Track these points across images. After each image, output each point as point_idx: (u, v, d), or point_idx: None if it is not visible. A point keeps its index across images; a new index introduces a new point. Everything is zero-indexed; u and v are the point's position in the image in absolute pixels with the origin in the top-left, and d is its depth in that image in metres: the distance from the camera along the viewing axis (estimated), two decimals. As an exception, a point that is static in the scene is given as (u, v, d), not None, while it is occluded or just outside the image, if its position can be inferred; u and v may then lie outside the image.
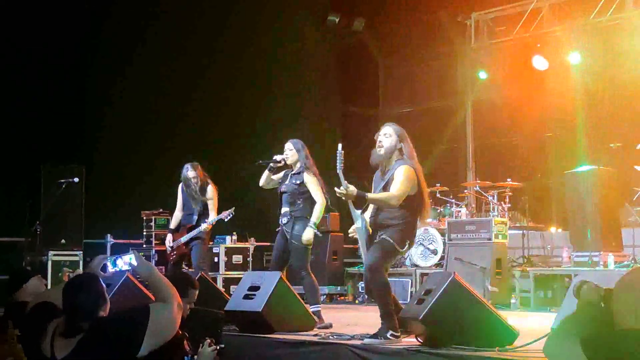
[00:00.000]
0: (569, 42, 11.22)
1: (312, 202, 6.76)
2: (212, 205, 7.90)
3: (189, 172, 8.01)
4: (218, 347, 3.85)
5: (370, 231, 5.57)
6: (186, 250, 7.96)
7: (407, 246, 5.65)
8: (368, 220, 5.62)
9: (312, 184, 6.73)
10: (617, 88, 11.37)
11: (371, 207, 5.64)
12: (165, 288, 3.34)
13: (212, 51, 11.89)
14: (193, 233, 7.86)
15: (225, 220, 7.89)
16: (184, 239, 7.93)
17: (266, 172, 6.93)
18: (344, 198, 5.44)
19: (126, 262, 3.68)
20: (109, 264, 3.73)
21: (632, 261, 8.78)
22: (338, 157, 5.45)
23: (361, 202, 5.48)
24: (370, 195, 5.48)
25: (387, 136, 5.69)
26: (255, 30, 12.27)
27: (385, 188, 5.55)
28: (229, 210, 7.81)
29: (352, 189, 5.39)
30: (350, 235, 5.77)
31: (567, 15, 11.28)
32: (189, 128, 11.56)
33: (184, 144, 10.96)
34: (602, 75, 11.28)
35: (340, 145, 5.44)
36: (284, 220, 6.79)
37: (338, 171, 5.44)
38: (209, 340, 4.13)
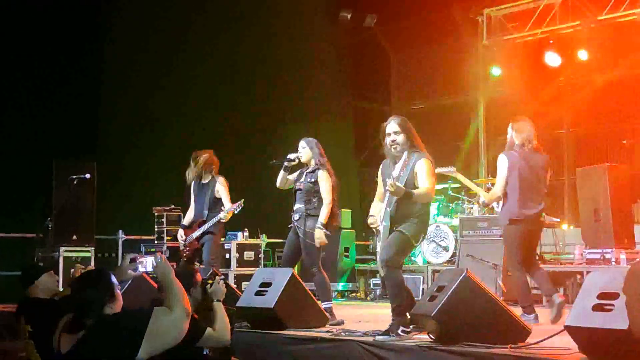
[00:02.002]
0: (580, 39, 11.16)
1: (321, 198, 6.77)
2: (225, 196, 7.84)
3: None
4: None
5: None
6: (198, 246, 7.95)
7: (420, 240, 5.66)
8: (383, 213, 5.61)
9: (324, 181, 6.73)
10: (629, 85, 11.31)
11: (386, 200, 5.61)
12: (175, 294, 3.29)
13: (225, 48, 11.90)
14: (205, 227, 7.85)
15: (236, 212, 7.86)
16: (195, 234, 7.92)
17: (282, 173, 6.88)
18: (392, 194, 5.42)
19: (149, 263, 3.67)
20: (141, 262, 3.72)
21: (645, 258, 8.73)
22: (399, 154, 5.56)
23: (407, 197, 5.46)
24: (416, 191, 5.48)
25: (397, 134, 5.69)
26: (268, 26, 12.27)
27: (408, 181, 5.52)
28: (239, 202, 7.78)
29: (402, 187, 5.40)
30: (372, 225, 5.74)
31: (579, 11, 11.21)
32: (202, 125, 11.57)
33: (197, 140, 10.97)
34: (613, 72, 11.22)
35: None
36: (297, 217, 6.78)
37: (395, 173, 5.49)
38: (218, 278, 4.37)
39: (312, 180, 6.75)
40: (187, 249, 8.00)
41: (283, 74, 12.53)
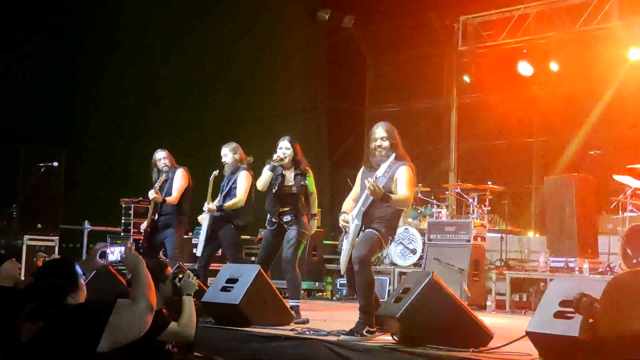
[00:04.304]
0: (553, 49, 11.30)
1: (308, 198, 6.92)
2: (175, 185, 7.92)
3: (158, 153, 8.06)
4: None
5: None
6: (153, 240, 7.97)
7: (389, 242, 5.70)
8: (357, 211, 5.63)
9: (312, 180, 6.94)
10: (599, 96, 11.47)
11: (362, 200, 5.62)
12: (141, 286, 3.24)
13: (200, 43, 11.83)
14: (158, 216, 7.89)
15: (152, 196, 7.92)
16: (145, 223, 8.05)
17: (268, 174, 6.83)
18: (371, 194, 5.43)
19: (117, 253, 3.64)
20: (109, 251, 3.69)
21: (607, 268, 8.87)
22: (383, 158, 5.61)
23: (385, 200, 5.47)
24: (394, 196, 5.50)
25: (383, 139, 5.73)
26: (245, 23, 12.23)
27: (386, 185, 5.54)
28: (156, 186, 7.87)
29: (381, 188, 5.42)
30: (342, 223, 5.76)
31: (553, 23, 11.35)
32: (174, 118, 11.50)
33: (167, 133, 10.91)
34: (585, 83, 11.38)
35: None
36: (287, 218, 6.81)
37: (378, 174, 5.52)
38: (188, 272, 4.42)
39: (305, 183, 6.86)
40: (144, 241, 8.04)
41: (258, 71, 12.50)
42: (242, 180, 7.39)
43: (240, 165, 7.51)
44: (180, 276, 4.43)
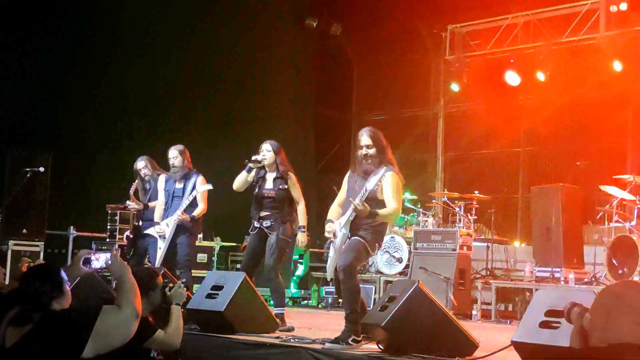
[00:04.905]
0: (540, 60, 11.37)
1: (292, 204, 6.83)
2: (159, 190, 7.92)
3: (138, 163, 8.02)
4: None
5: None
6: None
7: (376, 249, 5.69)
8: (344, 220, 5.61)
9: (295, 186, 6.84)
10: (585, 107, 11.55)
11: (350, 210, 5.59)
12: (127, 293, 3.24)
13: (187, 48, 11.83)
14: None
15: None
16: (128, 231, 8.03)
17: (244, 174, 6.84)
18: (357, 213, 5.42)
19: (102, 259, 3.63)
20: (93, 258, 3.68)
21: (593, 279, 8.90)
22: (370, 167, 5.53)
23: (371, 217, 5.46)
24: (380, 211, 5.46)
25: (369, 147, 5.68)
26: (233, 31, 12.23)
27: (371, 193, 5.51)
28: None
29: (367, 206, 5.40)
30: (329, 232, 5.73)
31: (540, 33, 11.43)
32: (162, 124, 11.47)
33: (154, 139, 10.88)
34: (571, 94, 11.45)
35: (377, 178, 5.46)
36: (268, 223, 6.78)
37: (364, 190, 5.45)
38: (179, 282, 4.46)
39: (284, 187, 6.78)
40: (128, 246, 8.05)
41: (246, 77, 12.50)
42: (205, 188, 7.39)
43: (191, 171, 7.48)
44: (171, 285, 4.44)
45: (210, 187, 7.40)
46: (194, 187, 7.35)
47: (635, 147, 11.03)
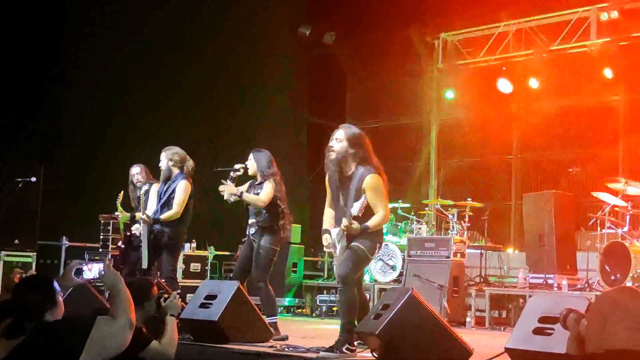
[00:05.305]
0: (532, 67, 11.42)
1: (275, 208, 6.72)
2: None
3: (132, 169, 7.98)
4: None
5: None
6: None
7: (377, 251, 5.68)
8: (339, 234, 5.58)
9: (266, 189, 6.70)
10: (578, 114, 11.60)
11: (342, 223, 5.57)
12: (121, 303, 3.24)
13: (178, 57, 11.83)
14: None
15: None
16: (120, 242, 7.97)
17: (246, 195, 6.78)
18: (346, 231, 5.42)
19: (95, 270, 3.63)
20: (85, 268, 3.68)
21: (586, 285, 8.92)
22: (360, 201, 5.40)
23: (364, 232, 5.44)
24: (370, 224, 5.43)
25: (338, 141, 5.67)
26: (226, 39, 12.24)
27: (357, 198, 5.49)
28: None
29: (357, 225, 5.38)
30: (327, 249, 5.74)
31: (532, 41, 11.48)
32: (154, 133, 11.45)
33: (147, 148, 10.86)
34: (563, 101, 11.50)
35: (363, 197, 5.40)
36: (252, 230, 6.77)
37: (354, 212, 5.39)
38: (174, 293, 4.47)
39: (258, 192, 6.75)
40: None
41: (239, 86, 12.50)
42: (181, 191, 7.18)
43: (179, 173, 7.27)
44: (166, 296, 4.45)
45: (183, 195, 7.10)
46: (173, 190, 7.17)
47: (626, 153, 11.08)
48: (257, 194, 6.73)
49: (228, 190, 6.58)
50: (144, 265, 7.20)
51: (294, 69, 13.91)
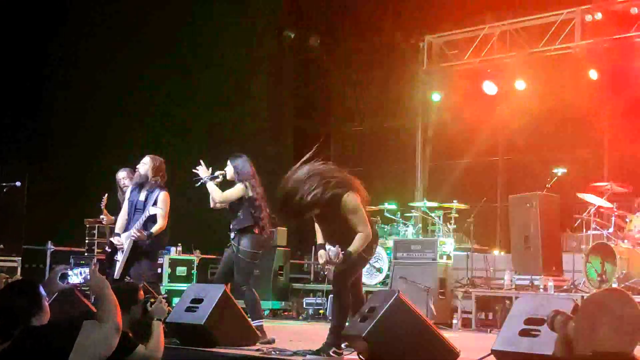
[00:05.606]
0: (517, 69, 11.46)
1: (250, 211, 6.74)
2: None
3: (119, 173, 7.92)
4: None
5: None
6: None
7: (374, 250, 5.72)
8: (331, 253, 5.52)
9: (232, 188, 6.75)
10: (563, 116, 11.65)
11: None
12: (107, 308, 3.24)
13: (164, 62, 11.78)
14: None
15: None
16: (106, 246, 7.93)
17: (210, 184, 6.85)
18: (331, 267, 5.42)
19: (80, 275, 3.63)
20: (71, 273, 3.67)
21: (571, 286, 8.96)
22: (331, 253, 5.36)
23: (349, 257, 5.40)
24: (352, 249, 5.38)
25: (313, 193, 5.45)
26: (211, 42, 12.22)
27: (339, 222, 5.45)
28: None
29: (341, 257, 5.32)
30: (326, 272, 5.76)
31: (516, 43, 11.53)
32: (139, 137, 11.41)
33: (132, 152, 10.80)
34: (548, 103, 11.54)
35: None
36: (232, 235, 6.82)
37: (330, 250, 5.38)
38: (160, 297, 4.45)
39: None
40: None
41: (224, 89, 12.47)
42: (165, 204, 7.02)
43: (156, 183, 7.08)
44: (153, 300, 4.42)
45: (164, 208, 7.00)
46: (155, 203, 7.01)
47: (612, 155, 11.15)
48: None
49: (202, 170, 6.84)
50: (116, 275, 7.02)
51: (280, 73, 13.90)
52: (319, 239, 5.74)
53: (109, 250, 7.83)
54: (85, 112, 11.04)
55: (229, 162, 6.92)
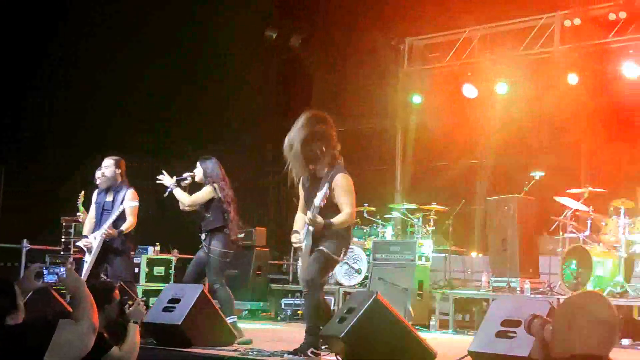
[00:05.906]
0: (497, 73, 11.53)
1: (219, 212, 6.81)
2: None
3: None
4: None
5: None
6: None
7: (343, 255, 5.69)
8: (305, 232, 5.59)
9: (200, 191, 6.87)
10: (541, 120, 11.73)
11: (308, 219, 5.57)
12: (83, 307, 3.23)
13: (145, 59, 11.72)
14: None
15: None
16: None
17: (176, 191, 6.89)
18: (311, 226, 5.41)
19: (55, 273, 3.57)
20: (50, 272, 3.62)
21: (548, 288, 9.02)
22: (323, 191, 5.41)
23: (327, 228, 5.44)
24: (335, 220, 5.46)
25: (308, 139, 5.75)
26: (194, 43, 12.18)
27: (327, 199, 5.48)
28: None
29: (321, 219, 5.40)
30: (295, 244, 5.74)
31: (496, 46, 11.59)
32: (119, 136, 11.34)
33: (109, 149, 10.73)
34: (527, 106, 11.61)
35: (326, 186, 5.39)
36: (202, 236, 6.90)
37: (316, 202, 5.40)
38: (139, 299, 4.46)
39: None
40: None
41: (205, 88, 12.43)
42: (134, 201, 7.11)
43: (122, 182, 7.19)
44: (131, 302, 4.40)
45: (136, 204, 7.08)
46: (122, 201, 7.06)
47: (588, 158, 11.24)
48: None
49: (166, 179, 6.89)
50: (84, 276, 6.95)
51: (261, 73, 13.88)
52: (297, 224, 5.75)
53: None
54: (63, 112, 10.95)
55: (198, 164, 7.00)
